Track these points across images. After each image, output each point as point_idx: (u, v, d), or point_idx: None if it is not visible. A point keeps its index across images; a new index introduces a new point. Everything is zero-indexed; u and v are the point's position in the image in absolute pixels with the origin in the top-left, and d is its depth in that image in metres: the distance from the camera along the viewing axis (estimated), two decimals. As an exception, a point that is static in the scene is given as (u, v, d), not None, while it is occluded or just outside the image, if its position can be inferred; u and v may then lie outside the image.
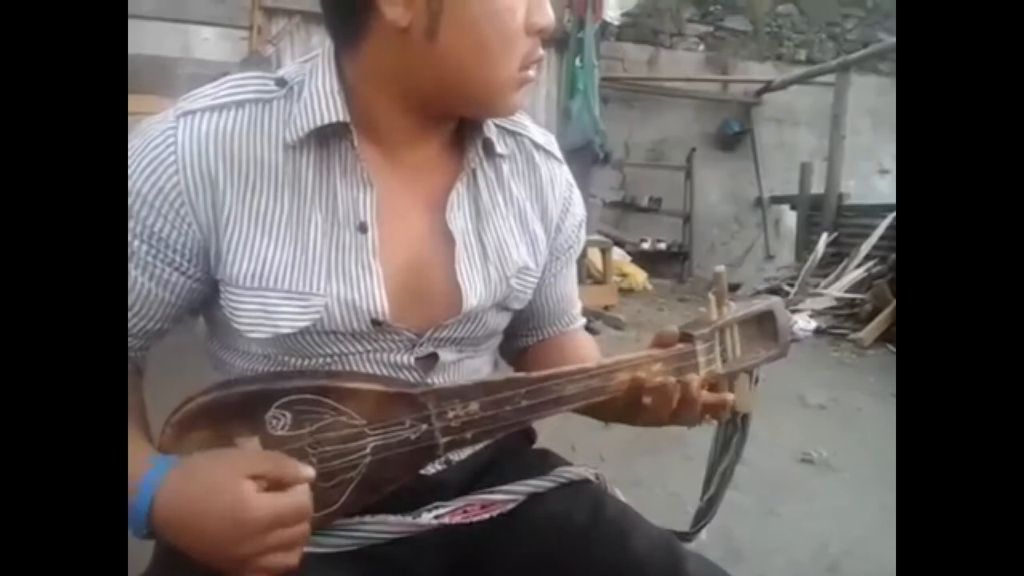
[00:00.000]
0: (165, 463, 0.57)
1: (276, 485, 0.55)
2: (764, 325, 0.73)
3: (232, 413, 0.59)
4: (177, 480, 0.56)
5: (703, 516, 0.76)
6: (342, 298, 0.64)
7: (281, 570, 0.55)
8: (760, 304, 0.73)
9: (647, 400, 0.66)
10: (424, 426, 0.62)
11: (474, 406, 0.62)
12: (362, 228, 0.65)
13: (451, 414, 0.62)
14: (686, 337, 0.68)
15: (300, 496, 0.55)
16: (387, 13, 0.60)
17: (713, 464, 0.75)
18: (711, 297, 0.71)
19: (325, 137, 0.64)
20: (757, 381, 0.74)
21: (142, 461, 0.57)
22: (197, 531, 0.55)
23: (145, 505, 0.55)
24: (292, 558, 0.56)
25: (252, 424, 0.58)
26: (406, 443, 0.62)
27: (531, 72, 0.66)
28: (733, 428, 0.73)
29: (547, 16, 0.65)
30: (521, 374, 0.65)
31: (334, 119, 0.63)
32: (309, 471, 0.57)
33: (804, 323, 3.15)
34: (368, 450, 0.61)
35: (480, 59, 0.62)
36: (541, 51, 0.66)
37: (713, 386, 0.70)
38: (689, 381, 0.66)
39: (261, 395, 0.59)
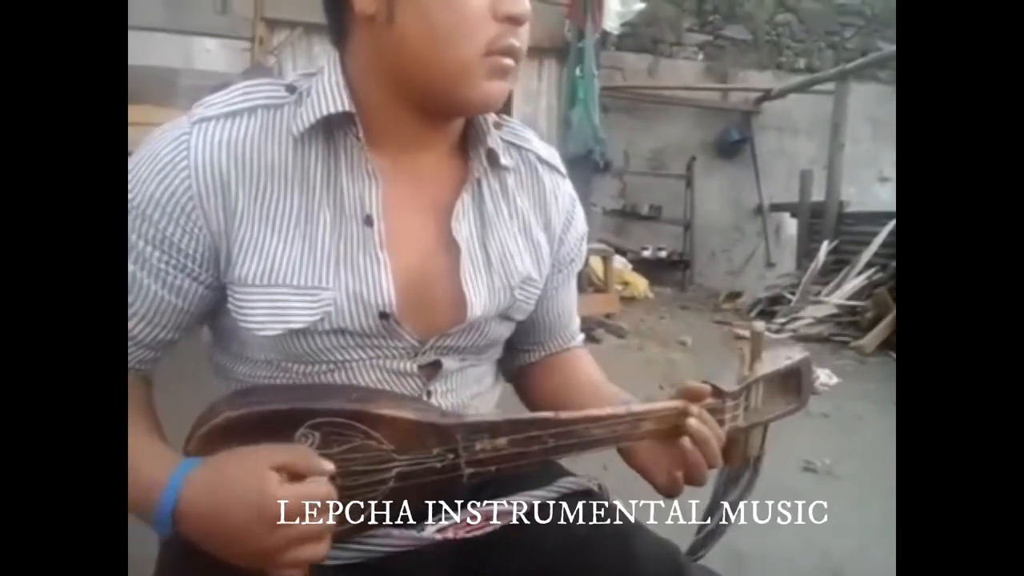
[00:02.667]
0: (189, 463, 0.58)
1: (298, 477, 0.55)
2: (788, 379, 0.73)
3: (261, 429, 0.59)
4: (203, 474, 0.56)
5: (700, 548, 0.76)
6: (351, 290, 0.64)
7: (308, 561, 0.56)
8: (791, 361, 0.73)
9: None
10: (451, 456, 0.62)
11: (502, 441, 0.63)
12: (368, 221, 0.65)
13: (478, 447, 0.63)
14: (717, 392, 0.69)
15: (324, 487, 0.56)
16: (355, 4, 0.62)
17: (716, 497, 0.75)
18: (745, 352, 0.72)
19: (331, 130, 0.66)
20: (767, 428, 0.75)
21: (166, 464, 0.58)
22: (223, 523, 0.55)
23: (171, 500, 0.56)
24: (320, 549, 0.56)
25: (281, 442, 0.59)
26: (431, 472, 0.62)
27: (504, 60, 0.64)
28: (744, 466, 0.74)
29: (517, 4, 0.63)
30: (550, 414, 0.65)
31: (339, 109, 0.64)
32: (329, 464, 0.57)
33: (826, 378, 3.14)
34: (392, 474, 0.61)
35: (437, 41, 0.62)
36: (515, 40, 0.64)
37: (730, 438, 0.70)
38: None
39: (292, 415, 0.60)
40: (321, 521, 0.55)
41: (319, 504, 0.55)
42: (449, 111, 0.69)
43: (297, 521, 0.54)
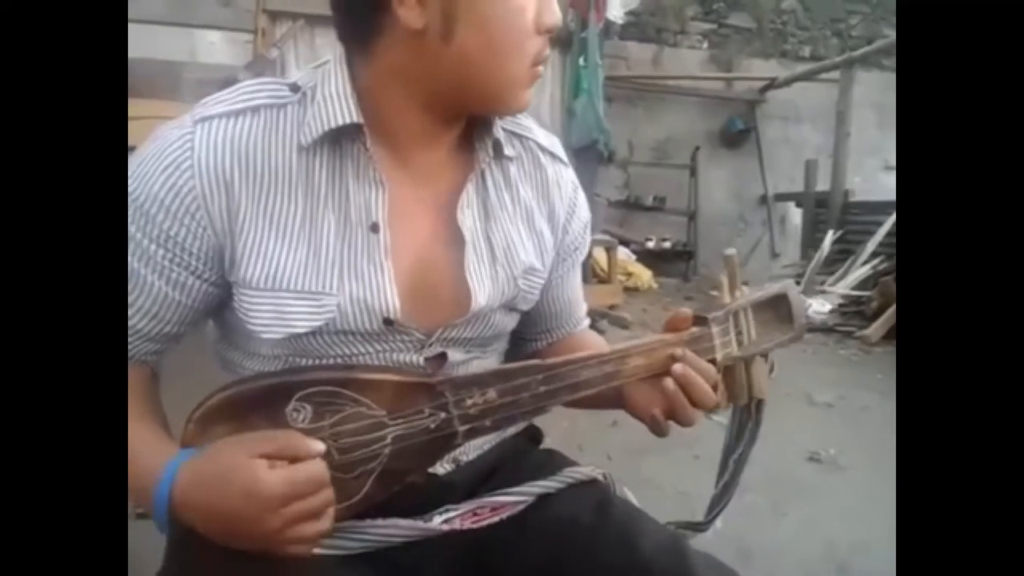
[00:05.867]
0: (183, 455, 0.58)
1: (289, 461, 0.55)
2: (779, 308, 0.72)
3: (253, 408, 0.59)
4: (192, 469, 0.57)
5: (718, 503, 0.76)
6: (355, 297, 0.64)
7: (312, 538, 0.56)
8: (773, 287, 0.73)
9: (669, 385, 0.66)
10: (443, 414, 0.62)
11: (491, 393, 0.63)
12: (374, 228, 0.66)
13: (469, 402, 0.63)
14: (700, 320, 0.69)
15: (314, 466, 0.56)
16: (402, 16, 0.61)
17: (728, 450, 0.75)
18: (723, 280, 0.71)
19: (338, 139, 0.65)
20: (772, 369, 0.74)
21: (164, 456, 0.58)
22: (219, 515, 0.55)
23: (164, 497, 0.56)
24: (322, 525, 0.57)
25: (273, 418, 0.59)
26: (425, 432, 0.62)
27: (540, 68, 0.68)
28: (747, 415, 0.73)
29: (555, 15, 0.66)
30: (536, 360, 0.65)
31: (347, 121, 0.64)
32: (319, 445, 0.57)
33: (819, 306, 3.13)
34: (388, 440, 0.62)
35: (494, 59, 0.64)
36: (548, 49, 0.68)
37: (728, 370, 0.70)
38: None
39: (281, 388, 0.60)
40: (318, 497, 0.56)
41: (309, 482, 0.55)
42: (475, 114, 0.71)
43: (291, 502, 0.54)
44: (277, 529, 0.54)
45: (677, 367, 0.66)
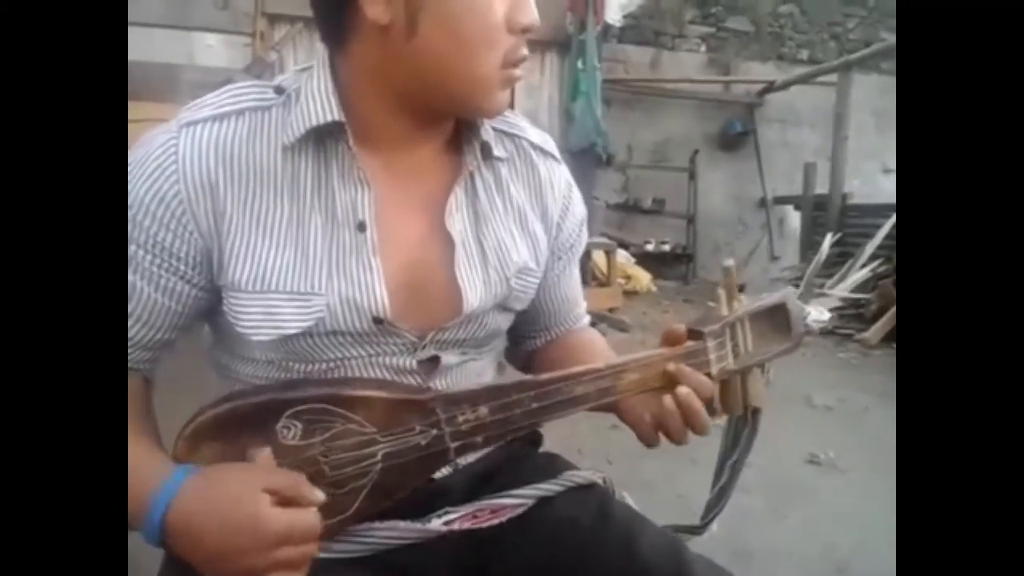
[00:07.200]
0: (181, 472, 0.57)
1: (289, 502, 0.56)
2: (776, 318, 0.72)
3: (243, 424, 0.59)
4: (193, 489, 0.56)
5: (713, 508, 0.76)
6: (344, 296, 0.64)
7: None
8: (772, 297, 0.72)
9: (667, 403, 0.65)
10: (434, 431, 0.62)
11: (483, 410, 0.62)
12: (361, 227, 0.65)
13: (460, 419, 0.62)
14: (696, 334, 0.68)
15: (313, 515, 0.56)
16: (368, 12, 0.61)
17: (723, 457, 0.75)
18: (721, 292, 0.70)
19: (322, 138, 0.65)
20: (768, 373, 0.73)
21: (158, 471, 0.57)
22: (208, 540, 0.55)
23: (160, 512, 0.55)
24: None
25: (263, 435, 0.59)
26: (417, 449, 0.62)
27: (516, 71, 0.66)
28: (744, 423, 0.73)
29: (530, 15, 0.65)
30: (529, 377, 0.65)
31: (329, 118, 0.64)
32: (320, 494, 0.57)
33: (817, 314, 3.11)
34: (379, 457, 0.61)
35: (459, 55, 0.63)
36: (525, 50, 0.66)
37: (724, 382, 0.69)
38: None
39: (272, 405, 0.60)
40: (304, 548, 0.56)
41: (305, 532, 0.56)
42: (455, 116, 0.70)
43: (281, 545, 0.55)
44: (261, 568, 0.55)
45: (682, 390, 0.65)
